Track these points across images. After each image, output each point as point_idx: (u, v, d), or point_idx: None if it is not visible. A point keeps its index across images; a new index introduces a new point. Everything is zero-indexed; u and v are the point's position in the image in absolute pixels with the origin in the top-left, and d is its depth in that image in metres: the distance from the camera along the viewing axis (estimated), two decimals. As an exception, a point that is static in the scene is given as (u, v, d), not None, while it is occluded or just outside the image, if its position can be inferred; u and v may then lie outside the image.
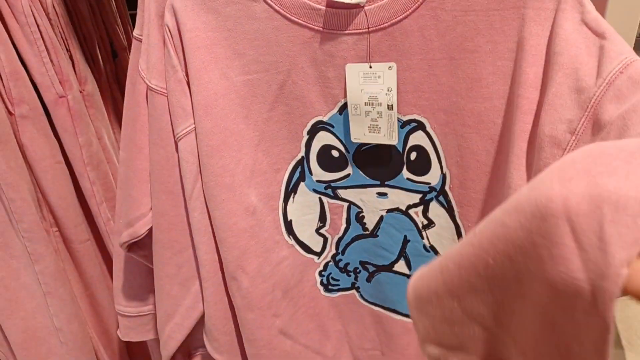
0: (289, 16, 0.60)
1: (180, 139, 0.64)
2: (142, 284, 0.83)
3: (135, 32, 0.69)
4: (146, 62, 0.65)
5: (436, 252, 0.70)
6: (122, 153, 0.75)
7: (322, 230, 0.75)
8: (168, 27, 0.60)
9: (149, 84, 0.64)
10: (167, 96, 0.64)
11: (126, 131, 0.73)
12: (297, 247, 0.75)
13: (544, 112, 0.49)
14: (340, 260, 0.77)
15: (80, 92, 0.84)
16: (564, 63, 0.48)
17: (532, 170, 0.52)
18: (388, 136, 0.63)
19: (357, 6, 0.58)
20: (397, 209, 0.69)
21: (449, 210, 0.66)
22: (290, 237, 0.74)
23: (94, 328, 0.97)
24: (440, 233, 0.68)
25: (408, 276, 0.73)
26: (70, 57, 0.83)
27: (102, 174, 0.87)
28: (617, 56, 0.45)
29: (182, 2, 0.60)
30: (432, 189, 0.66)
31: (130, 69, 0.71)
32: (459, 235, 0.66)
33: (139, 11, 0.69)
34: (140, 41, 0.68)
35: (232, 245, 0.68)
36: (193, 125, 0.64)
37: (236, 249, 0.68)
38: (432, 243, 0.70)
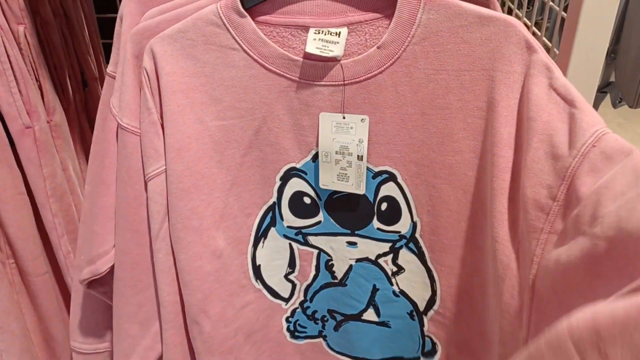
0: (267, 65, 0.61)
1: (150, 180, 0.64)
2: (100, 321, 0.81)
3: (109, 69, 0.70)
4: (119, 100, 0.64)
5: (406, 296, 0.71)
6: (87, 187, 0.75)
7: (291, 277, 0.75)
8: (146, 70, 0.61)
9: (121, 122, 0.64)
10: (139, 135, 0.64)
11: (93, 166, 0.72)
12: (265, 292, 0.75)
13: (525, 176, 0.51)
14: (308, 307, 0.76)
15: (48, 122, 0.82)
16: (537, 129, 0.50)
17: (517, 226, 0.54)
18: (356, 185, 0.65)
19: (333, 59, 0.60)
20: (367, 259, 0.70)
21: (420, 255, 0.68)
22: (258, 281, 0.73)
23: (46, 363, 0.94)
24: (411, 277, 0.69)
25: (377, 323, 0.74)
26: (40, 88, 0.82)
27: (65, 205, 0.85)
28: (589, 127, 0.47)
29: (162, 47, 0.60)
30: (402, 237, 0.67)
31: (101, 104, 0.71)
32: (431, 278, 0.68)
33: (114, 49, 0.69)
34: (114, 78, 0.68)
35: (196, 289, 0.67)
36: (164, 167, 0.64)
37: (200, 292, 0.67)
38: (401, 288, 0.71)
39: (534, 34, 0.85)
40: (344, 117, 0.62)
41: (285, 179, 0.68)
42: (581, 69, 0.66)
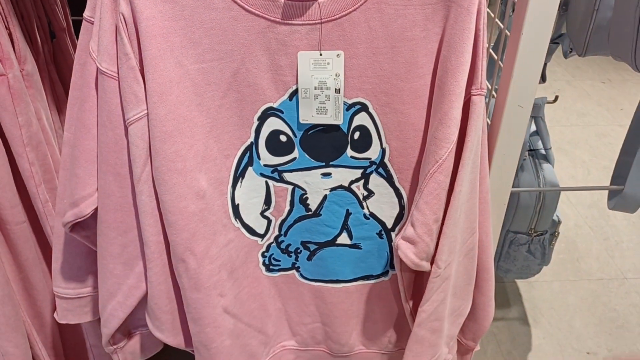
0: (247, 7, 0.63)
1: (131, 124, 0.65)
2: (83, 266, 0.83)
3: (86, 13, 0.69)
4: (97, 44, 0.65)
5: (375, 218, 0.78)
6: (66, 133, 0.75)
7: (267, 213, 0.78)
8: (123, 15, 0.61)
9: (100, 67, 0.64)
10: (118, 80, 0.65)
11: (72, 111, 0.73)
12: (243, 230, 0.78)
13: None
14: (282, 241, 0.81)
15: (20, 71, 0.82)
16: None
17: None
18: (334, 117, 0.70)
19: (311, 0, 0.62)
20: (341, 186, 0.76)
21: (388, 178, 0.75)
22: (237, 220, 0.77)
23: (27, 311, 0.95)
24: (380, 199, 0.76)
25: (349, 246, 0.80)
26: (10, 36, 0.81)
27: (41, 154, 0.85)
28: (444, 144, 0.65)
29: None
30: (372, 163, 0.74)
31: (79, 50, 0.71)
32: (399, 196, 0.76)
33: None
34: (91, 23, 0.68)
35: (182, 228, 0.70)
36: (145, 112, 0.65)
37: (185, 232, 0.70)
38: (371, 210, 0.77)
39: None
40: (321, 54, 0.66)
41: (262, 119, 0.71)
42: (536, 22, 0.71)
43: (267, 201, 0.77)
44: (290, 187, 0.76)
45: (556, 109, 2.68)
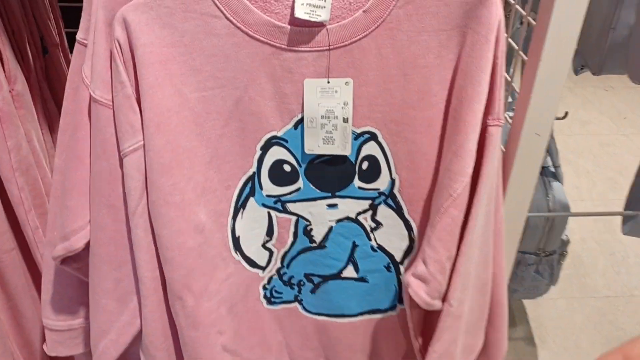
0: (251, 33, 0.60)
1: (127, 156, 0.62)
2: (74, 297, 0.79)
3: (79, 36, 0.66)
4: (91, 70, 0.61)
5: (383, 250, 0.74)
6: (57, 160, 0.72)
7: (269, 245, 0.75)
8: (118, 41, 0.58)
9: (93, 95, 0.61)
10: (112, 109, 0.61)
11: (64, 137, 0.69)
12: (243, 263, 0.74)
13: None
14: (285, 273, 0.77)
15: (10, 92, 0.78)
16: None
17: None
18: (342, 147, 0.67)
19: (320, 25, 0.60)
20: (347, 218, 0.73)
21: (398, 210, 0.71)
22: (237, 253, 0.73)
23: (15, 341, 0.91)
24: (388, 231, 0.73)
25: (355, 279, 0.77)
26: (-1, 55, 0.77)
27: (31, 179, 0.82)
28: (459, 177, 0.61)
29: (136, 16, 0.57)
30: (381, 194, 0.70)
31: (71, 73, 0.68)
32: (409, 229, 0.72)
33: (84, 14, 0.65)
34: (84, 45, 0.65)
35: (179, 265, 0.66)
36: (141, 142, 0.62)
37: (183, 269, 0.66)
38: (379, 243, 0.74)
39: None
40: (328, 82, 0.63)
41: (265, 148, 0.68)
42: (557, 45, 0.67)
43: (269, 232, 0.74)
44: (293, 218, 0.73)
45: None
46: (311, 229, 0.74)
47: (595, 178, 2.32)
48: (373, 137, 0.67)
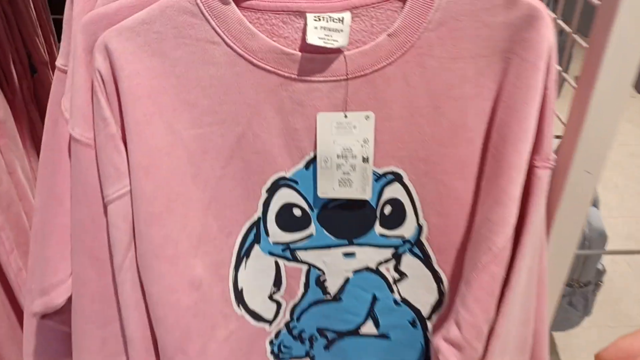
0: (255, 61, 0.53)
1: (111, 203, 0.54)
2: (59, 350, 0.71)
3: (59, 62, 0.58)
4: (70, 104, 0.53)
5: (408, 304, 0.66)
6: (37, 199, 0.63)
7: (276, 296, 0.66)
8: (100, 72, 0.50)
9: (72, 133, 0.53)
10: (95, 149, 0.53)
11: (43, 175, 0.62)
12: (247, 317, 0.66)
13: None
14: (295, 327, 0.68)
15: (-12, 120, 0.70)
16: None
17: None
18: (361, 190, 0.59)
19: (336, 51, 0.52)
20: (366, 268, 0.65)
21: (425, 260, 0.63)
22: (240, 306, 0.64)
23: (-1, 389, 0.83)
24: (414, 283, 0.65)
25: (376, 336, 0.68)
26: (-25, 79, 0.69)
27: (12, 216, 0.74)
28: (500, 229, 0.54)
29: (119, 43, 0.49)
30: (406, 241, 0.63)
31: (50, 104, 0.60)
32: (438, 281, 0.64)
33: (63, 37, 0.58)
34: (64, 72, 0.57)
35: (173, 326, 0.58)
36: (127, 188, 0.54)
37: (177, 330, 0.58)
38: (403, 296, 0.66)
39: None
40: (345, 116, 0.55)
41: (272, 190, 0.60)
42: (616, 70, 0.58)
43: (277, 283, 0.65)
44: (304, 267, 0.64)
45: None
46: (325, 280, 0.65)
47: (624, 193, 2.21)
48: (397, 178, 0.59)
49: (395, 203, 0.60)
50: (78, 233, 0.57)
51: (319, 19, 0.50)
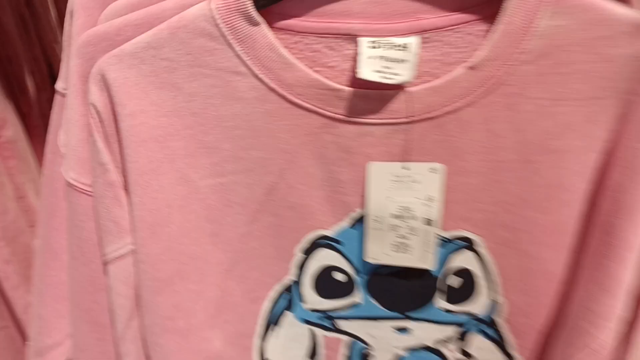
0: (291, 97, 0.44)
1: (110, 263, 0.46)
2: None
3: (59, 86, 0.51)
4: (65, 141, 0.44)
5: None
6: (38, 242, 0.57)
7: (311, 367, 0.56)
8: (96, 108, 0.42)
9: (66, 177, 0.45)
10: (92, 197, 0.45)
11: (41, 219, 0.58)
12: (275, 393, 0.56)
13: None
14: None
15: (-6, 141, 0.63)
16: None
17: None
18: (421, 259, 0.49)
19: (396, 87, 0.42)
20: (424, 347, 0.56)
21: (500, 343, 0.54)
22: None
23: None
24: None
25: None
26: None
27: (20, 248, 0.68)
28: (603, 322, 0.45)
29: (120, 72, 0.41)
30: (475, 319, 0.54)
31: (50, 132, 0.51)
32: None
33: (63, 56, 0.48)
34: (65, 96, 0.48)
35: None
36: (130, 247, 0.46)
37: None
38: None
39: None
40: (405, 168, 0.46)
41: (309, 251, 0.51)
42: None
43: (312, 354, 0.56)
44: (345, 339, 0.55)
45: None
46: (372, 356, 0.56)
47: None
48: (470, 245, 0.50)
49: (464, 274, 0.51)
50: (76, 293, 0.51)
51: (376, 46, 0.41)
